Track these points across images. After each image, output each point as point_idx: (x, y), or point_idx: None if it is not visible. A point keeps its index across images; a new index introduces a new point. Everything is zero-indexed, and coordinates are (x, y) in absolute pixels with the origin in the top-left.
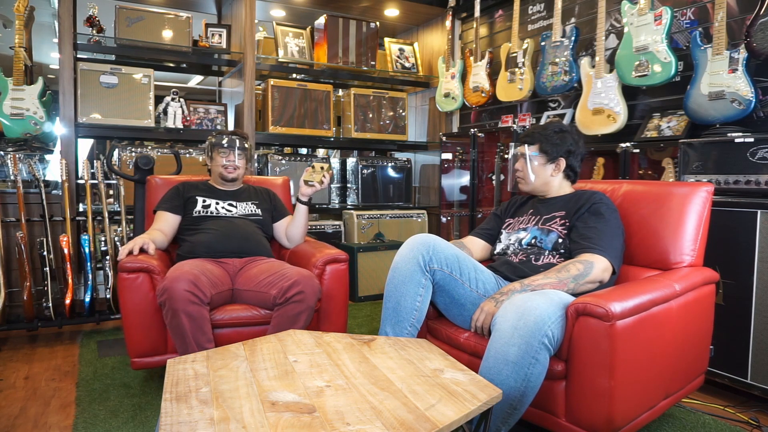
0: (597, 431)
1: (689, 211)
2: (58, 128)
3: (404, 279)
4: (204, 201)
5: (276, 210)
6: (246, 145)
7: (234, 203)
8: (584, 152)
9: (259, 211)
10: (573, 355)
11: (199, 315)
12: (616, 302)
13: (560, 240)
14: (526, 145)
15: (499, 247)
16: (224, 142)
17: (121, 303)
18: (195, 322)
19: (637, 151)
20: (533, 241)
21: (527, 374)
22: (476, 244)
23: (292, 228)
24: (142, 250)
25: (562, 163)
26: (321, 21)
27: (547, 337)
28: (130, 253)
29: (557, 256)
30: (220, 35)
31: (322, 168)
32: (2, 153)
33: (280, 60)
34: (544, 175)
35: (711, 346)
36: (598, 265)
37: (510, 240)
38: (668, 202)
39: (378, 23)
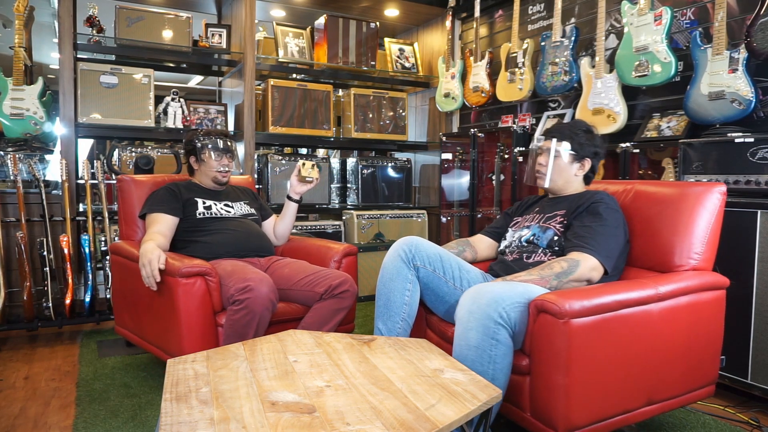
0: (555, 428)
1: (699, 212)
2: (58, 128)
3: (392, 276)
4: (204, 202)
5: (263, 209)
6: (234, 146)
7: (230, 203)
8: (603, 156)
9: (253, 210)
10: (534, 351)
11: (266, 320)
12: (574, 300)
13: (556, 237)
14: (554, 140)
15: (502, 245)
16: (218, 145)
17: (177, 308)
18: (261, 326)
19: (637, 151)
20: (531, 238)
21: (491, 356)
22: (483, 242)
23: (281, 225)
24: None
25: (588, 163)
26: (321, 21)
27: (503, 318)
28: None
29: (549, 253)
30: (220, 35)
31: (313, 166)
32: (2, 153)
33: (280, 60)
34: (567, 174)
35: (722, 356)
36: (585, 264)
37: (513, 237)
38: (676, 203)
39: (378, 23)
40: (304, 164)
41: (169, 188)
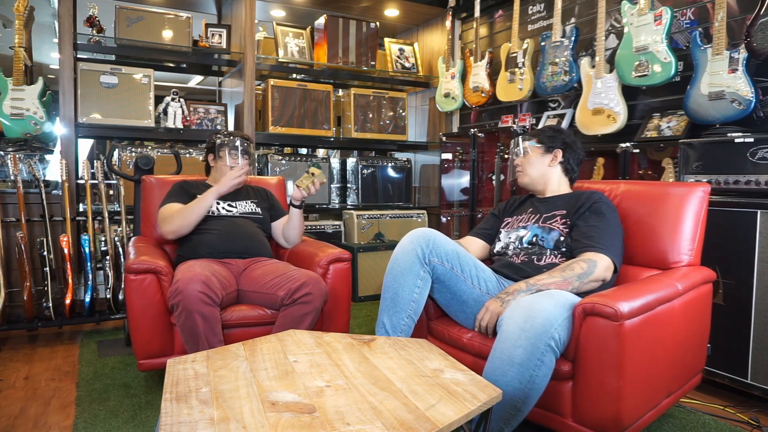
0: (605, 431)
1: (687, 211)
2: (58, 128)
3: (403, 270)
4: None
5: (274, 209)
6: (252, 149)
7: (233, 202)
8: (582, 153)
9: (258, 210)
10: (580, 356)
11: (212, 316)
12: (624, 302)
13: (561, 238)
14: (521, 139)
15: (498, 246)
16: (237, 145)
17: (128, 304)
18: (208, 323)
19: (637, 151)
20: (534, 239)
21: (532, 376)
22: (474, 244)
23: (288, 230)
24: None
25: (559, 154)
26: (321, 21)
27: (554, 340)
28: None
29: (559, 255)
30: (220, 35)
31: (313, 174)
32: (2, 153)
33: (280, 60)
34: (541, 166)
35: (708, 345)
36: (601, 264)
37: (510, 238)
38: (666, 202)
39: (378, 23)
40: (308, 172)
41: (178, 184)
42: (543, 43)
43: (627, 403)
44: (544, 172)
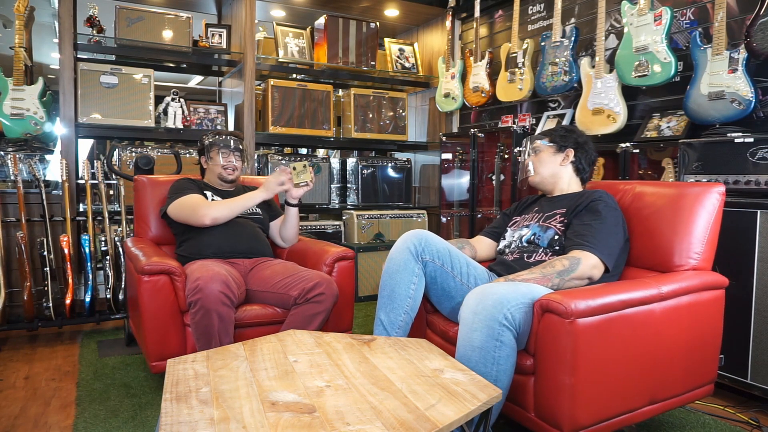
0: (560, 428)
1: (698, 212)
2: (58, 128)
3: (398, 268)
4: (212, 198)
5: (271, 209)
6: (243, 146)
7: None
8: (594, 154)
9: (259, 210)
10: (539, 351)
11: (228, 316)
12: (580, 300)
13: (556, 237)
14: (535, 137)
15: (501, 245)
16: (226, 142)
17: (141, 306)
18: (223, 322)
19: (637, 151)
20: (532, 237)
21: (495, 357)
22: (483, 242)
23: (285, 230)
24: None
25: (571, 153)
26: (321, 21)
27: (507, 319)
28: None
29: (550, 253)
30: (220, 35)
31: (305, 167)
32: (2, 153)
33: (280, 60)
34: (552, 165)
35: (721, 355)
36: (586, 262)
37: (513, 237)
38: (677, 203)
39: (378, 23)
40: (294, 168)
41: (184, 179)
42: (543, 43)
43: (583, 402)
44: (555, 172)
